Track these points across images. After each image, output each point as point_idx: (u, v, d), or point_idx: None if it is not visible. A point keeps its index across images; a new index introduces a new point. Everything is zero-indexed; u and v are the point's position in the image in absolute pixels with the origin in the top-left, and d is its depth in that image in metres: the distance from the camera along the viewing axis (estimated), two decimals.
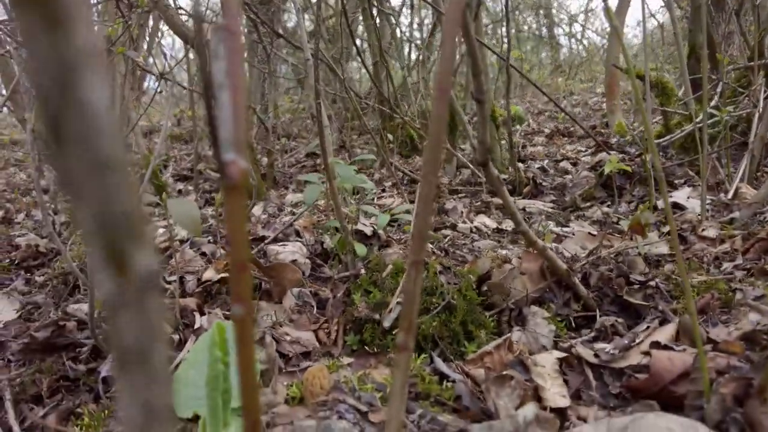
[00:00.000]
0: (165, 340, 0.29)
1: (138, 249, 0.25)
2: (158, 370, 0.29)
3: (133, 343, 0.28)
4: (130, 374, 0.28)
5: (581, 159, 3.01)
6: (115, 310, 0.27)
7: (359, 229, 1.57)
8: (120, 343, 0.28)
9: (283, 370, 1.16)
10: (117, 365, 0.28)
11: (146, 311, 0.27)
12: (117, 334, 0.27)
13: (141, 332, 0.27)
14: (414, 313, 0.63)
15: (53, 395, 1.17)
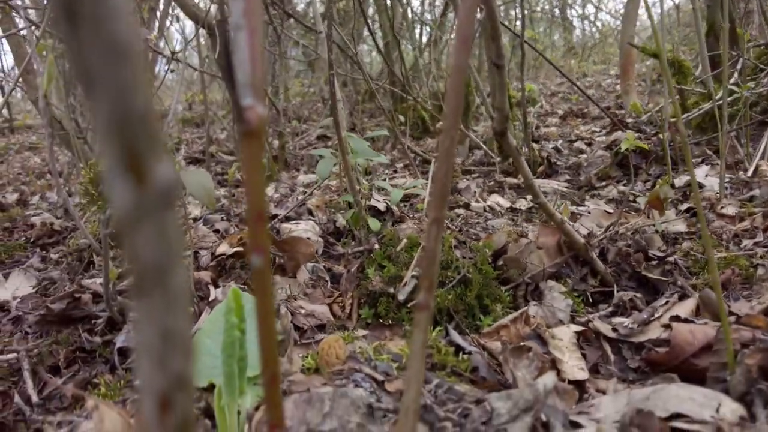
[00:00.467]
0: (183, 261, 0.27)
1: (156, 157, 0.24)
2: (177, 292, 0.27)
3: (152, 262, 0.26)
4: (149, 296, 0.27)
5: (596, 139, 2.96)
6: (132, 225, 0.25)
7: (372, 204, 1.55)
8: (138, 263, 0.26)
9: (298, 342, 1.15)
10: (134, 287, 0.27)
11: (165, 226, 0.26)
12: (134, 252, 0.26)
13: (159, 249, 0.26)
14: (435, 272, 0.62)
15: (70, 366, 1.17)
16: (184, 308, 0.28)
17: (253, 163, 0.47)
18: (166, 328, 0.27)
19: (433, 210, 0.60)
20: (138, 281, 0.26)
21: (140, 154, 0.23)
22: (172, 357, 0.28)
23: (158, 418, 0.29)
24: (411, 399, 0.60)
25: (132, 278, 0.27)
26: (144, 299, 0.27)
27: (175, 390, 0.28)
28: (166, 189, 0.25)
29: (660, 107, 2.74)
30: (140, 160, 0.23)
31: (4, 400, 1.07)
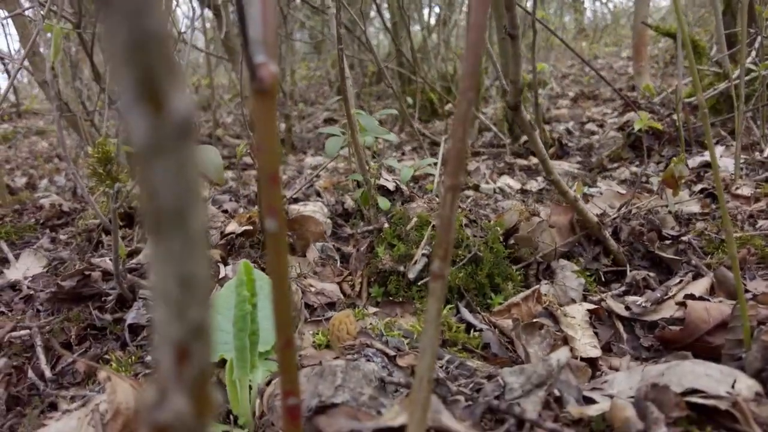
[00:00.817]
0: (202, 201, 0.26)
1: (173, 85, 0.23)
2: (196, 234, 0.26)
3: (170, 200, 0.25)
4: (166, 239, 0.26)
5: (607, 121, 2.92)
6: (149, 159, 0.24)
7: (382, 184, 1.54)
8: (155, 201, 0.25)
9: (308, 319, 1.15)
10: (151, 229, 0.26)
11: (183, 160, 0.24)
12: (151, 189, 0.25)
13: (178, 186, 0.25)
14: (450, 241, 0.60)
15: (81, 343, 1.18)
16: (203, 253, 0.27)
17: (266, 122, 0.46)
18: (184, 274, 0.26)
19: (449, 177, 0.59)
20: (155, 222, 0.25)
21: (157, 81, 0.22)
22: (190, 305, 0.27)
23: (175, 369, 0.28)
24: (425, 367, 0.60)
25: (149, 219, 0.26)
26: (161, 242, 0.25)
27: (193, 339, 0.28)
28: (184, 119, 0.23)
29: (674, 88, 2.70)
30: (157, 88, 0.22)
31: (19, 375, 1.08)
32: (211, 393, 0.29)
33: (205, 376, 0.29)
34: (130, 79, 0.21)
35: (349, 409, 0.64)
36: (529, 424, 0.72)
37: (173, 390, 0.28)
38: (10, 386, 1.04)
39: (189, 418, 0.28)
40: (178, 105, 0.23)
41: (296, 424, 0.49)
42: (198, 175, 0.25)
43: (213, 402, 0.30)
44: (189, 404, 0.28)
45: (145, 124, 0.22)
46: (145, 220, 0.26)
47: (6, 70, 3.45)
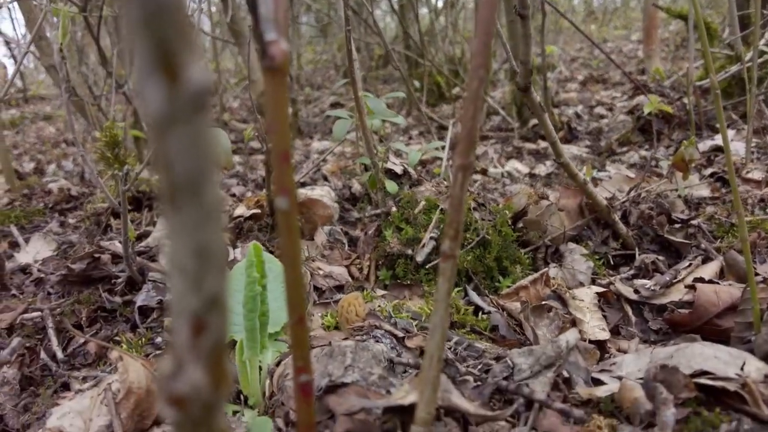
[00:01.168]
0: (217, 173, 0.26)
1: (189, 55, 0.22)
2: (211, 206, 0.26)
3: (185, 171, 0.25)
4: (181, 211, 0.26)
5: (616, 105, 2.89)
6: (164, 129, 0.24)
7: (389, 167, 1.53)
8: (170, 172, 0.25)
9: (317, 302, 1.15)
10: (167, 201, 0.26)
11: (198, 132, 0.24)
12: (167, 160, 0.24)
13: (193, 157, 0.25)
14: (460, 221, 0.60)
15: (92, 325, 1.19)
16: (218, 224, 0.26)
17: (277, 100, 0.46)
18: (199, 245, 0.26)
19: (460, 156, 0.59)
20: (170, 193, 0.25)
21: (173, 51, 0.22)
22: (206, 276, 0.27)
23: (192, 340, 0.28)
24: (435, 346, 0.60)
25: (164, 190, 0.25)
26: (176, 213, 0.25)
27: (209, 311, 0.28)
28: (199, 90, 0.23)
29: (685, 71, 2.66)
30: (173, 59, 0.22)
31: (31, 356, 1.09)
32: (227, 365, 0.30)
33: (221, 348, 0.29)
34: (145, 49, 0.21)
35: (359, 389, 0.65)
36: (538, 404, 0.72)
37: (189, 362, 0.28)
38: (23, 367, 1.05)
39: (205, 389, 0.28)
40: (194, 75, 0.22)
41: (308, 401, 0.49)
42: (212, 148, 0.25)
43: (229, 374, 0.30)
44: (205, 376, 0.28)
45: (160, 95, 0.22)
46: (161, 192, 0.26)
47: (12, 55, 3.45)
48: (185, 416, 0.29)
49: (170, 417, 0.29)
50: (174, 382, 0.29)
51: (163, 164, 0.24)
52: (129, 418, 0.73)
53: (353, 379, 0.70)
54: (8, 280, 1.41)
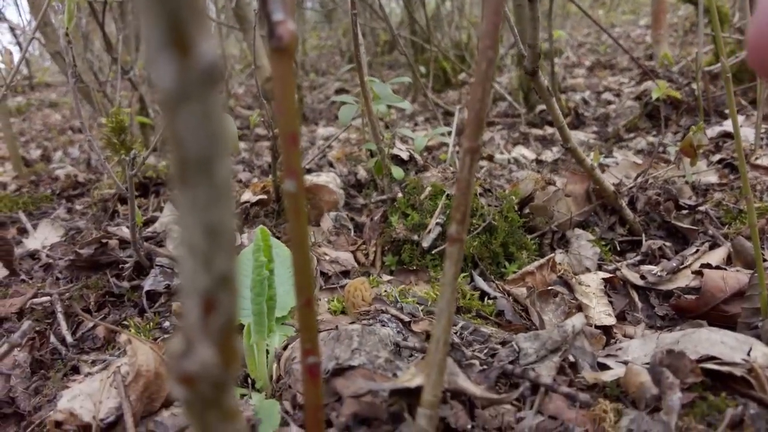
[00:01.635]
0: (228, 150, 0.26)
1: (200, 30, 0.22)
2: (222, 184, 0.26)
3: (196, 148, 0.25)
4: (192, 189, 0.26)
5: (624, 90, 2.86)
6: (175, 105, 0.24)
7: (395, 153, 1.53)
8: (181, 149, 0.25)
9: (323, 287, 1.16)
10: (177, 179, 0.26)
11: (209, 107, 0.24)
12: (177, 137, 0.24)
13: (204, 134, 0.25)
14: (468, 204, 0.60)
15: (100, 309, 1.20)
16: (229, 204, 0.26)
17: (285, 81, 0.45)
18: (210, 223, 0.26)
19: (468, 139, 0.58)
20: (181, 170, 0.25)
21: (184, 25, 0.21)
22: (216, 255, 0.27)
23: (202, 319, 0.28)
24: (442, 329, 0.60)
25: (174, 167, 0.25)
26: (187, 190, 0.25)
27: (219, 290, 0.28)
28: (210, 65, 0.23)
29: (694, 55, 2.63)
30: (184, 33, 0.22)
31: (41, 340, 1.11)
32: (237, 344, 0.30)
33: (231, 328, 0.29)
34: (156, 23, 0.21)
35: (365, 371, 0.65)
36: (544, 388, 0.72)
37: (200, 340, 0.28)
38: (33, 350, 1.06)
39: (215, 368, 0.29)
40: (205, 50, 0.22)
41: (316, 383, 0.49)
42: (224, 124, 0.25)
43: (239, 354, 0.30)
44: (215, 355, 0.28)
45: (171, 70, 0.22)
46: (171, 170, 0.26)
47: (18, 42, 3.45)
48: (195, 395, 0.29)
49: (180, 396, 0.30)
50: (184, 360, 0.29)
51: (174, 141, 0.24)
52: (138, 401, 0.74)
53: (360, 362, 0.70)
54: (17, 266, 1.42)
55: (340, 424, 0.59)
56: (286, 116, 0.47)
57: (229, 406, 0.32)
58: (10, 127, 2.37)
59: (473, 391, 0.59)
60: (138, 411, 0.75)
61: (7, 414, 0.92)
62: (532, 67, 1.01)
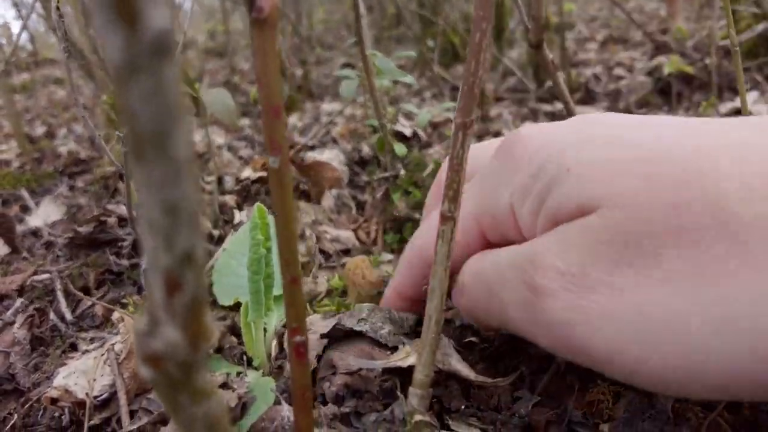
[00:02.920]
0: (185, 123, 0.24)
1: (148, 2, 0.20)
2: (179, 158, 0.24)
3: (148, 121, 0.23)
4: (147, 164, 0.24)
5: (636, 66, 2.80)
6: (125, 79, 0.22)
7: (398, 130, 1.50)
8: (133, 123, 0.23)
9: (323, 265, 1.15)
10: (132, 154, 0.24)
11: (161, 79, 0.22)
12: (129, 111, 0.23)
13: (156, 107, 0.23)
14: (461, 181, 0.58)
15: (100, 287, 1.20)
16: (188, 177, 0.25)
17: (267, 52, 0.43)
18: (168, 201, 0.24)
19: (460, 113, 0.56)
20: (135, 146, 0.23)
21: None
22: (177, 232, 0.25)
23: (166, 299, 0.27)
24: (434, 308, 0.59)
25: (129, 144, 0.24)
26: (143, 167, 0.24)
27: (183, 268, 0.26)
28: (160, 35, 0.21)
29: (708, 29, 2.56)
30: (130, 2, 0.20)
31: (41, 317, 1.11)
32: (206, 323, 0.28)
33: (198, 306, 0.27)
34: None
35: (362, 348, 0.64)
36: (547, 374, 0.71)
37: (164, 320, 0.27)
38: (33, 327, 1.06)
39: (181, 348, 0.27)
40: (154, 20, 0.20)
41: (303, 363, 0.48)
42: (180, 96, 0.23)
43: (208, 332, 0.28)
44: (181, 334, 0.27)
45: (118, 42, 0.20)
46: (127, 146, 0.24)
47: (20, 16, 3.42)
48: (162, 375, 0.28)
49: (148, 376, 0.28)
50: (149, 340, 0.28)
51: (126, 116, 0.23)
52: (132, 378, 0.74)
53: (363, 329, 0.69)
54: (19, 243, 1.42)
55: (332, 394, 0.58)
56: (267, 87, 0.45)
57: (201, 386, 0.31)
58: (14, 104, 2.36)
59: (467, 374, 0.58)
60: (132, 389, 0.74)
61: (7, 390, 0.93)
62: (536, 40, 0.98)
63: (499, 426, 0.62)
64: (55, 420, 0.80)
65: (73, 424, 0.79)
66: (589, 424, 0.64)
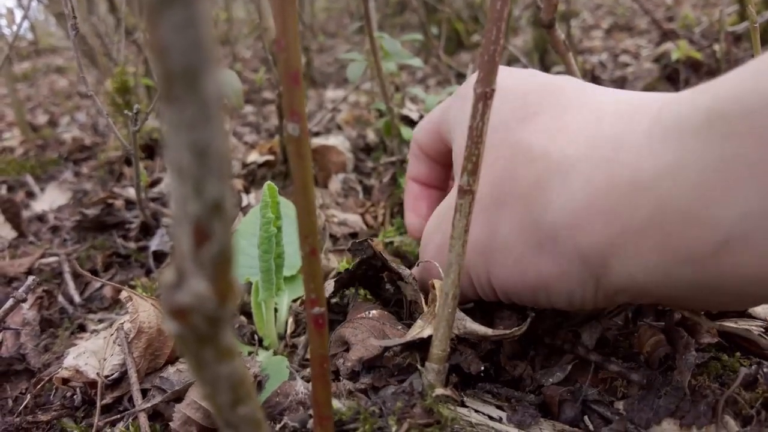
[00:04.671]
0: (215, 61, 0.23)
1: None
2: (209, 98, 0.24)
3: (180, 59, 0.22)
4: (178, 104, 0.23)
5: (642, 53, 2.78)
6: (157, 12, 0.21)
7: (405, 114, 1.49)
8: (165, 61, 0.22)
9: (331, 249, 1.14)
10: (162, 93, 0.23)
11: (193, 13, 0.21)
12: (160, 47, 0.22)
13: (187, 42, 0.22)
14: (480, 153, 0.57)
15: (107, 270, 1.20)
16: (219, 123, 0.24)
17: (286, 13, 0.42)
18: (199, 143, 0.24)
19: (481, 84, 0.55)
20: (166, 84, 0.23)
21: None
22: (207, 179, 0.25)
23: (194, 249, 0.26)
24: (451, 283, 0.58)
25: (160, 83, 0.23)
26: (173, 106, 0.23)
27: (211, 218, 0.25)
28: None
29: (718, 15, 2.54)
30: None
31: (50, 299, 1.11)
32: (232, 276, 0.28)
33: (226, 258, 0.27)
34: None
35: (375, 322, 0.64)
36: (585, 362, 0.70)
37: (192, 272, 0.26)
38: (42, 309, 1.06)
39: (209, 300, 0.27)
40: None
41: (321, 333, 0.48)
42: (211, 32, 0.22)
43: (234, 286, 0.28)
44: (209, 287, 0.26)
45: None
46: (158, 85, 0.23)
47: (21, 5, 3.40)
48: (189, 330, 0.28)
49: (174, 330, 0.28)
50: (176, 293, 0.27)
51: (158, 53, 0.22)
52: (141, 357, 0.74)
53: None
54: (26, 228, 1.42)
55: (347, 369, 0.58)
56: (288, 53, 0.44)
57: (226, 344, 0.30)
58: (16, 92, 2.35)
59: (484, 331, 0.58)
60: (142, 368, 0.74)
61: (18, 370, 0.93)
62: (549, 19, 0.97)
63: (515, 403, 0.62)
64: (67, 399, 0.80)
65: (85, 403, 0.79)
66: (604, 402, 0.63)
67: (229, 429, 0.35)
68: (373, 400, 0.53)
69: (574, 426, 0.60)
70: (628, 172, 0.48)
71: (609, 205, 0.49)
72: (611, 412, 0.61)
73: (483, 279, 0.59)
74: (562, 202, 0.52)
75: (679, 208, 0.44)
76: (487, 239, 0.58)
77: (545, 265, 0.54)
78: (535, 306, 0.62)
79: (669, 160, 0.45)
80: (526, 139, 0.58)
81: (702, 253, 0.44)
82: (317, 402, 0.51)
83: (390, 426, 0.50)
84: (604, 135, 0.53)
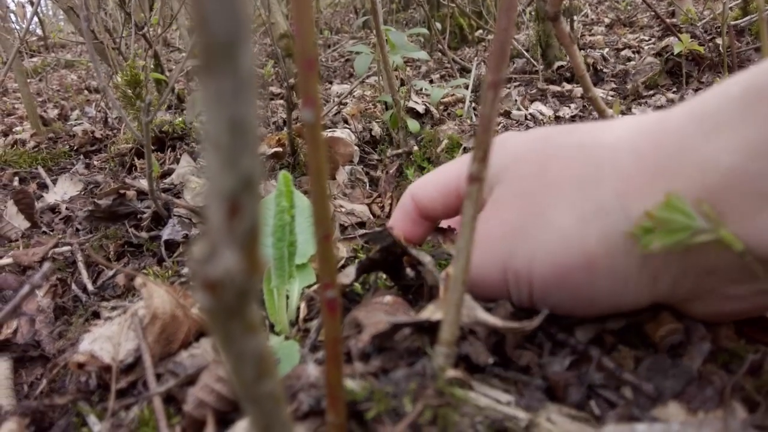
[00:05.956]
0: (250, 37, 0.25)
1: None
2: (246, 75, 0.25)
3: (220, 32, 0.24)
4: (217, 76, 0.25)
5: (644, 47, 2.78)
6: None
7: (411, 107, 1.51)
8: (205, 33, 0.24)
9: (340, 238, 1.16)
10: (203, 66, 0.25)
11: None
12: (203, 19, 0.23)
13: (228, 16, 0.24)
14: (489, 141, 0.58)
15: (119, 259, 1.22)
16: (253, 98, 0.26)
17: (302, 3, 0.44)
18: (235, 118, 0.25)
19: (491, 72, 0.56)
20: (206, 57, 0.24)
21: None
22: (241, 152, 0.26)
23: (226, 222, 0.27)
24: (460, 269, 0.59)
25: (201, 56, 0.24)
26: (212, 79, 0.24)
27: (243, 191, 0.27)
28: None
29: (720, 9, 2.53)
30: None
31: (63, 287, 1.13)
32: (261, 251, 0.29)
33: (256, 233, 0.28)
34: None
35: (387, 307, 0.65)
36: None
37: (224, 245, 0.28)
38: (56, 297, 1.08)
39: (240, 274, 0.28)
40: None
41: (334, 317, 0.49)
42: (247, 8, 0.24)
43: (263, 262, 0.29)
44: (240, 260, 0.28)
45: None
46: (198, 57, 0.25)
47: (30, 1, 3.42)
48: (219, 303, 0.29)
49: (204, 303, 0.29)
50: (208, 266, 0.28)
51: (200, 24, 0.24)
52: (156, 342, 0.75)
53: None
54: (38, 219, 1.44)
55: (358, 351, 0.59)
56: (303, 39, 0.45)
57: (251, 319, 0.32)
58: (27, 86, 2.37)
59: (494, 322, 0.59)
60: (156, 352, 0.76)
61: (33, 357, 0.95)
62: (554, 12, 0.98)
63: (521, 386, 0.63)
64: (82, 384, 0.82)
65: (100, 387, 0.80)
66: (610, 386, 0.64)
67: (252, 404, 0.36)
68: (387, 382, 0.55)
69: (580, 410, 0.61)
70: (676, 138, 0.50)
71: (657, 169, 0.50)
72: (617, 396, 0.62)
73: (520, 264, 0.60)
74: (614, 172, 0.54)
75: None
76: (527, 222, 0.59)
77: (592, 237, 0.54)
78: (574, 306, 0.61)
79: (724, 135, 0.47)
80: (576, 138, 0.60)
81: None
82: (330, 383, 0.52)
83: (404, 405, 0.52)
84: (646, 119, 0.56)
